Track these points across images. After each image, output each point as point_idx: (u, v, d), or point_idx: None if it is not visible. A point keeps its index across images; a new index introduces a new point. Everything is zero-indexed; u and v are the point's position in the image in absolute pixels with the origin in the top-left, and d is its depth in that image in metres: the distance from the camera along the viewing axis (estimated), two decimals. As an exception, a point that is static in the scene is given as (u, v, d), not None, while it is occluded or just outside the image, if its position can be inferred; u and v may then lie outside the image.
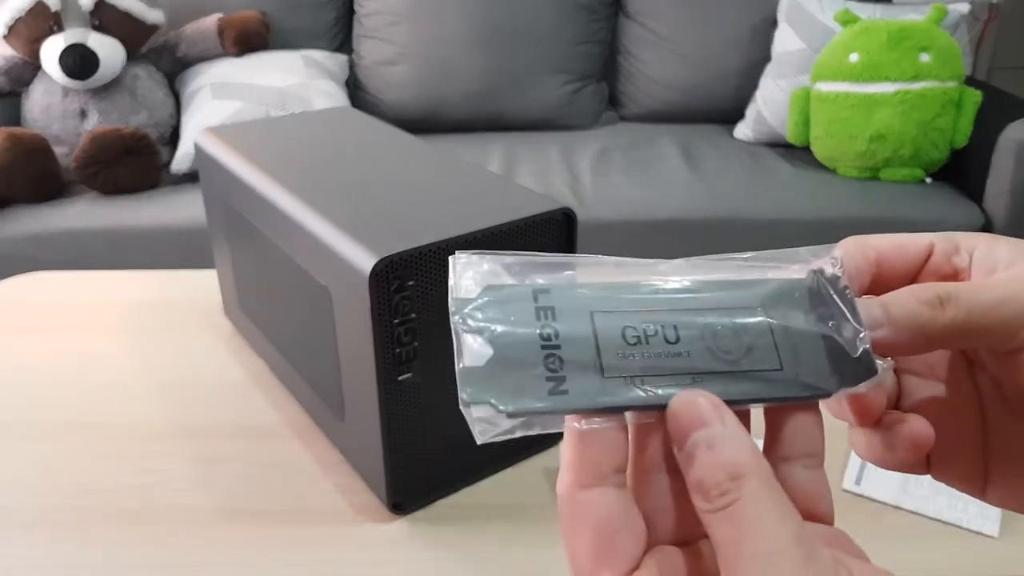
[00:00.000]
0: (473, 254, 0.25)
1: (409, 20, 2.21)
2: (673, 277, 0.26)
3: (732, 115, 2.26)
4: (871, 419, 0.27)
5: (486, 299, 0.24)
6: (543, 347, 0.23)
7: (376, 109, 2.27)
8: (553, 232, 0.59)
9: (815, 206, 1.84)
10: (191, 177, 1.96)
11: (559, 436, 0.73)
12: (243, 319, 0.81)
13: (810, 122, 2.00)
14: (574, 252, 0.61)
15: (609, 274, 0.25)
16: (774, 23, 2.18)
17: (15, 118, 2.03)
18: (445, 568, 0.56)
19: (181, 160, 1.93)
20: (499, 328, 0.23)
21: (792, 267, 0.27)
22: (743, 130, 2.18)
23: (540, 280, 0.25)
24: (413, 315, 0.54)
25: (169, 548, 0.58)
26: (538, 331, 0.24)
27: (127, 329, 0.86)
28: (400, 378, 0.56)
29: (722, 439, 0.22)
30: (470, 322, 0.24)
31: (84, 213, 1.81)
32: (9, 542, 0.59)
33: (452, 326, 0.24)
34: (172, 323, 0.87)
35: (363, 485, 0.63)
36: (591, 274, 0.25)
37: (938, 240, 0.28)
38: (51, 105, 1.96)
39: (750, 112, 2.17)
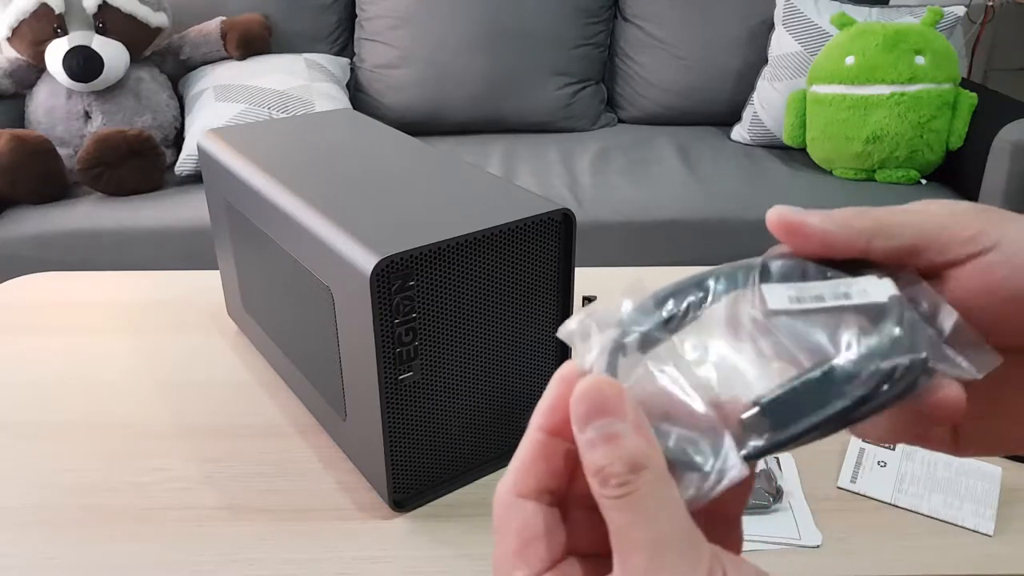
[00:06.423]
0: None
1: (410, 24, 2.22)
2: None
3: (729, 117, 2.27)
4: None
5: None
6: None
7: (377, 112, 2.28)
8: (552, 233, 0.60)
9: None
10: (195, 179, 1.96)
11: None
12: (246, 319, 0.81)
13: (806, 124, 2.01)
14: (573, 252, 0.61)
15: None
16: (770, 26, 2.19)
17: (19, 120, 2.04)
18: (445, 564, 0.57)
19: (185, 162, 1.94)
20: None
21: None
22: (740, 132, 2.19)
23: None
24: (414, 315, 0.55)
25: (172, 546, 0.58)
26: None
27: (131, 329, 0.87)
28: (401, 377, 0.56)
29: (624, 431, 0.23)
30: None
31: (88, 214, 1.82)
32: (9, 542, 0.59)
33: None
34: (176, 323, 0.88)
35: (365, 483, 0.64)
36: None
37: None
38: (55, 107, 1.97)
39: (747, 114, 2.18)
